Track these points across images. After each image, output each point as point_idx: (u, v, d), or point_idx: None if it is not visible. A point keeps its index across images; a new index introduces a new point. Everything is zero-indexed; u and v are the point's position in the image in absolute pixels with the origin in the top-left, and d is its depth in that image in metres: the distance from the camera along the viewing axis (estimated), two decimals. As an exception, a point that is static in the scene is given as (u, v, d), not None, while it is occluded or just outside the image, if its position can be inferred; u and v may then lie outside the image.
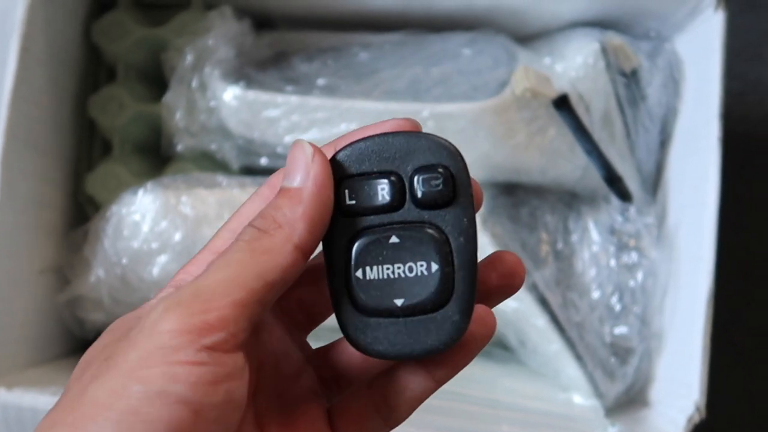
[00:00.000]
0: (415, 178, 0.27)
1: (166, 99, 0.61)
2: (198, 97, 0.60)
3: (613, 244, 0.61)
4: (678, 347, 0.57)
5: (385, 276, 0.27)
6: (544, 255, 0.61)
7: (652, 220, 0.61)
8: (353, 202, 0.27)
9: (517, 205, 0.62)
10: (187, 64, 0.61)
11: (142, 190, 0.57)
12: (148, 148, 0.65)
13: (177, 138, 0.62)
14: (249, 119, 0.59)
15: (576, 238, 0.62)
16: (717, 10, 0.57)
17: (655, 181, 0.63)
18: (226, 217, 0.30)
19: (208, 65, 0.60)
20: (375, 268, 0.27)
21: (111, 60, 0.65)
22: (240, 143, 0.61)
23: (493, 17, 0.63)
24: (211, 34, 0.61)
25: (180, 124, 0.61)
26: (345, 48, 0.63)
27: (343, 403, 0.29)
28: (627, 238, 0.61)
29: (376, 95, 0.59)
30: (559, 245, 0.61)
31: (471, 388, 0.57)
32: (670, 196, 0.62)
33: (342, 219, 0.27)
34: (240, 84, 0.59)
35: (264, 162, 0.61)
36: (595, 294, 0.60)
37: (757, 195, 0.75)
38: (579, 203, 0.63)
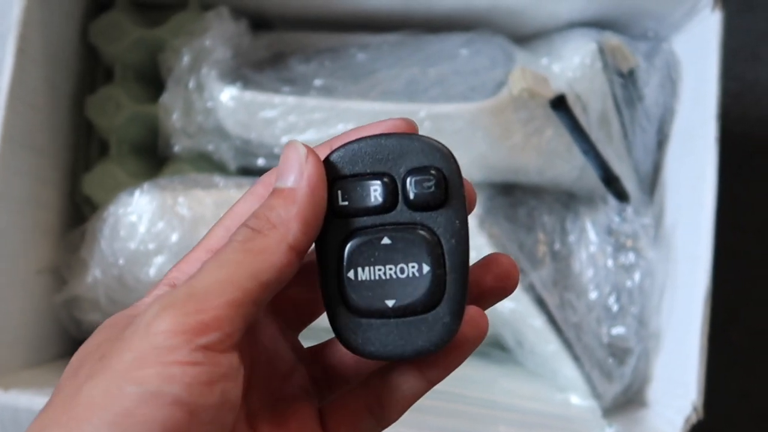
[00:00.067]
0: (408, 179, 0.27)
1: (163, 100, 0.61)
2: (195, 98, 0.60)
3: (611, 244, 0.61)
4: (675, 347, 0.57)
5: (377, 277, 0.27)
6: (541, 255, 0.61)
7: (649, 220, 0.61)
8: (346, 203, 0.27)
9: (515, 206, 0.62)
10: (184, 64, 0.60)
11: (138, 190, 0.57)
12: (145, 148, 0.65)
13: (174, 139, 0.61)
14: (246, 120, 0.59)
15: (573, 238, 0.61)
16: (714, 10, 0.57)
17: (653, 182, 0.63)
18: (223, 219, 0.30)
19: (205, 66, 0.60)
20: (367, 269, 0.27)
21: (108, 60, 0.65)
22: (237, 144, 0.61)
23: (491, 18, 0.63)
24: (208, 34, 0.61)
25: (177, 124, 0.61)
26: (342, 49, 0.63)
27: (336, 403, 0.29)
28: (624, 238, 0.61)
29: (373, 96, 0.59)
30: (557, 246, 0.61)
31: (468, 388, 0.57)
32: (667, 196, 0.62)
33: (334, 220, 0.27)
34: (237, 85, 0.59)
35: (261, 163, 0.61)
36: (593, 294, 0.60)
37: (755, 195, 0.75)
38: (576, 204, 0.63)
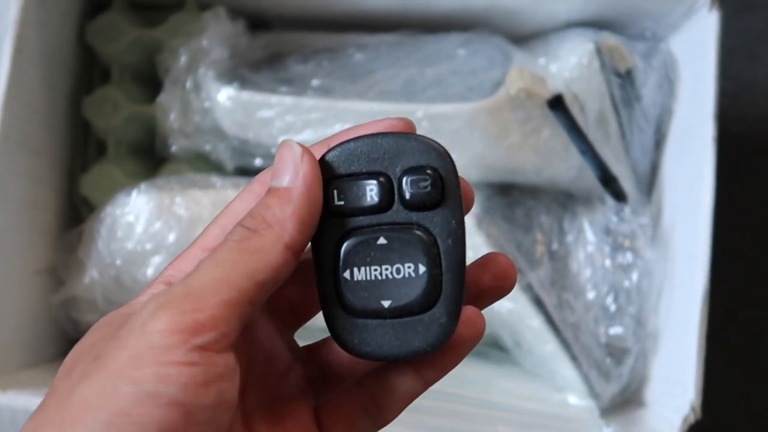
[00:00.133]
0: (404, 179, 0.26)
1: (160, 100, 0.61)
2: (192, 98, 0.60)
3: (608, 244, 0.61)
4: (673, 347, 0.57)
5: (373, 277, 0.26)
6: (539, 255, 0.61)
7: (647, 220, 0.61)
8: (342, 202, 0.27)
9: (512, 206, 0.62)
10: (182, 65, 0.60)
11: (135, 191, 0.57)
12: (142, 149, 0.65)
13: (171, 139, 0.61)
14: (243, 120, 0.59)
15: (571, 238, 0.61)
16: (711, 10, 0.57)
17: (650, 182, 0.63)
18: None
19: (202, 66, 0.60)
20: (363, 269, 0.26)
21: (105, 61, 0.65)
22: (234, 144, 0.61)
23: (489, 18, 0.63)
24: (206, 35, 0.61)
25: (174, 125, 0.61)
26: (340, 49, 0.63)
27: (332, 403, 0.29)
28: (622, 238, 0.61)
29: (370, 96, 0.59)
30: (554, 246, 0.61)
31: (466, 388, 0.57)
32: (665, 196, 0.62)
33: (331, 219, 0.27)
34: (234, 85, 0.59)
35: (258, 163, 0.61)
36: (591, 294, 0.60)
37: (753, 195, 0.75)
38: (574, 204, 0.63)
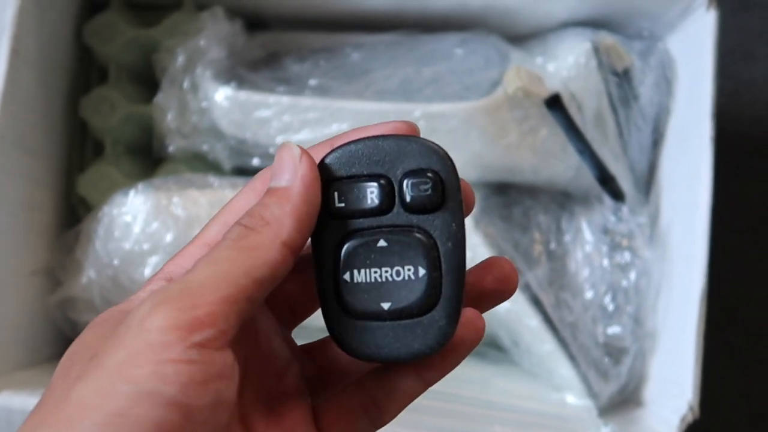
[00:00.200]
0: (405, 182, 0.26)
1: (157, 100, 0.61)
2: (190, 98, 0.60)
3: (606, 243, 0.61)
4: (671, 347, 0.57)
5: (373, 279, 0.26)
6: (536, 255, 0.60)
7: (644, 219, 0.61)
8: (342, 204, 0.27)
9: (510, 205, 0.61)
10: (179, 64, 0.60)
11: (133, 191, 0.57)
12: (139, 149, 0.65)
13: (169, 139, 0.61)
14: (241, 120, 0.59)
15: (569, 237, 0.61)
16: (709, 9, 0.57)
17: (648, 181, 0.63)
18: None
19: (199, 66, 0.60)
20: (363, 271, 0.27)
21: (102, 61, 0.65)
22: (232, 144, 0.61)
23: (487, 17, 0.63)
24: (203, 34, 0.60)
25: (172, 124, 0.61)
26: (337, 48, 0.63)
27: (330, 402, 0.29)
28: (620, 237, 0.61)
29: (368, 95, 0.59)
30: (552, 245, 0.61)
31: (464, 388, 0.56)
32: (662, 195, 0.62)
33: (331, 221, 0.27)
34: (232, 84, 0.59)
35: (256, 162, 0.61)
36: (588, 294, 0.60)
37: (752, 194, 0.75)
38: (572, 203, 0.63)
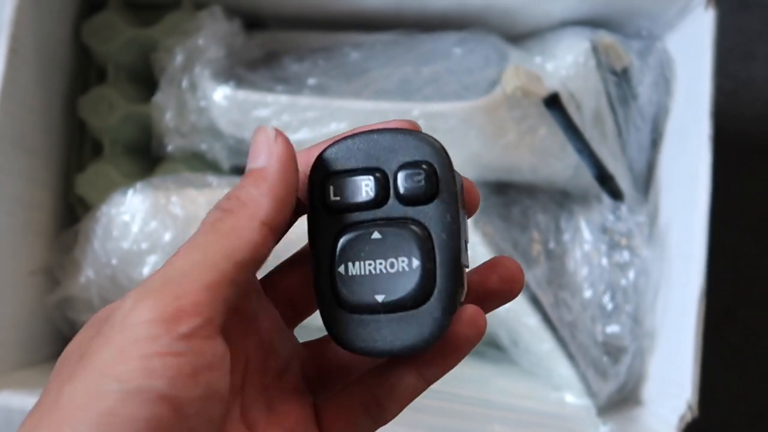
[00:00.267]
0: (399, 174, 0.26)
1: (156, 99, 0.61)
2: (188, 98, 0.60)
3: (605, 242, 0.61)
4: (670, 346, 0.57)
5: (367, 272, 0.26)
6: (535, 254, 0.60)
7: (643, 218, 0.61)
8: (338, 198, 0.27)
9: (509, 205, 0.61)
10: (177, 64, 0.60)
11: (131, 190, 0.57)
12: (138, 148, 0.65)
13: (167, 138, 0.61)
14: (239, 119, 0.59)
15: (568, 237, 0.61)
16: (707, 8, 0.57)
17: (647, 180, 0.63)
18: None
19: (198, 65, 0.60)
20: (357, 263, 0.26)
21: (101, 60, 0.65)
22: (230, 143, 0.61)
23: (486, 17, 0.63)
24: (201, 34, 0.60)
25: (170, 124, 0.61)
26: (336, 48, 0.63)
27: (332, 400, 0.28)
28: (619, 236, 0.61)
29: (366, 95, 0.59)
30: (551, 244, 0.61)
31: (463, 387, 0.56)
32: (661, 194, 0.62)
33: (327, 215, 0.27)
34: (230, 84, 0.59)
35: (254, 162, 0.61)
36: (587, 293, 0.60)
37: (751, 194, 0.75)
38: (571, 202, 0.63)
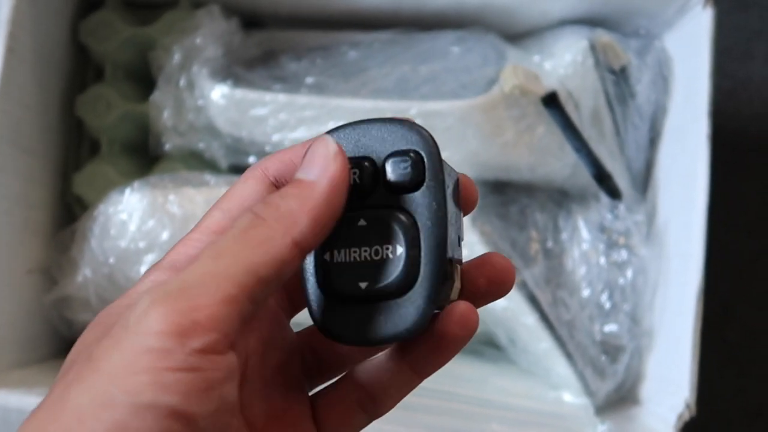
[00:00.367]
0: (387, 162, 0.26)
1: (153, 98, 0.61)
2: (186, 96, 0.60)
3: (603, 241, 0.61)
4: (668, 345, 0.57)
5: (352, 259, 0.26)
6: (533, 253, 0.60)
7: (641, 217, 0.60)
8: None
9: (507, 204, 0.61)
10: (175, 62, 0.60)
11: (129, 189, 0.57)
12: (136, 147, 0.65)
13: (165, 137, 0.61)
14: (237, 118, 0.59)
15: (566, 236, 0.61)
16: (705, 7, 0.57)
17: (645, 179, 0.63)
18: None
19: (195, 64, 0.60)
20: (342, 250, 0.26)
21: (98, 59, 0.65)
22: (228, 142, 0.61)
23: (484, 16, 0.63)
24: (199, 32, 0.60)
25: (168, 123, 0.61)
26: (333, 47, 0.63)
27: (327, 398, 0.28)
28: (617, 235, 0.61)
29: (364, 94, 0.59)
30: (549, 243, 0.61)
31: (461, 386, 0.56)
32: (659, 193, 0.62)
33: None
34: (228, 83, 0.59)
35: (252, 161, 0.61)
36: (585, 292, 0.60)
37: (748, 192, 0.75)
38: (569, 201, 0.63)
